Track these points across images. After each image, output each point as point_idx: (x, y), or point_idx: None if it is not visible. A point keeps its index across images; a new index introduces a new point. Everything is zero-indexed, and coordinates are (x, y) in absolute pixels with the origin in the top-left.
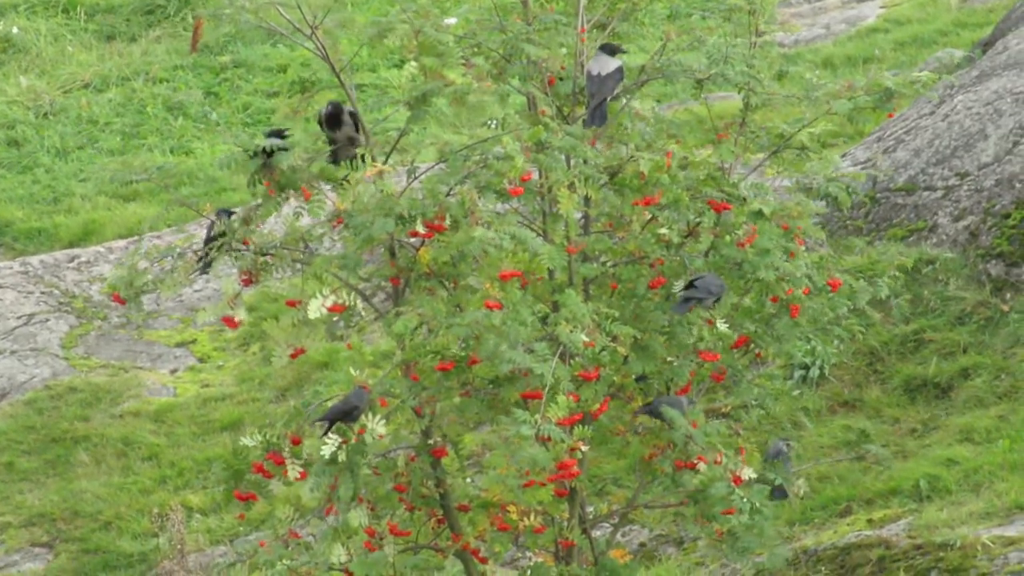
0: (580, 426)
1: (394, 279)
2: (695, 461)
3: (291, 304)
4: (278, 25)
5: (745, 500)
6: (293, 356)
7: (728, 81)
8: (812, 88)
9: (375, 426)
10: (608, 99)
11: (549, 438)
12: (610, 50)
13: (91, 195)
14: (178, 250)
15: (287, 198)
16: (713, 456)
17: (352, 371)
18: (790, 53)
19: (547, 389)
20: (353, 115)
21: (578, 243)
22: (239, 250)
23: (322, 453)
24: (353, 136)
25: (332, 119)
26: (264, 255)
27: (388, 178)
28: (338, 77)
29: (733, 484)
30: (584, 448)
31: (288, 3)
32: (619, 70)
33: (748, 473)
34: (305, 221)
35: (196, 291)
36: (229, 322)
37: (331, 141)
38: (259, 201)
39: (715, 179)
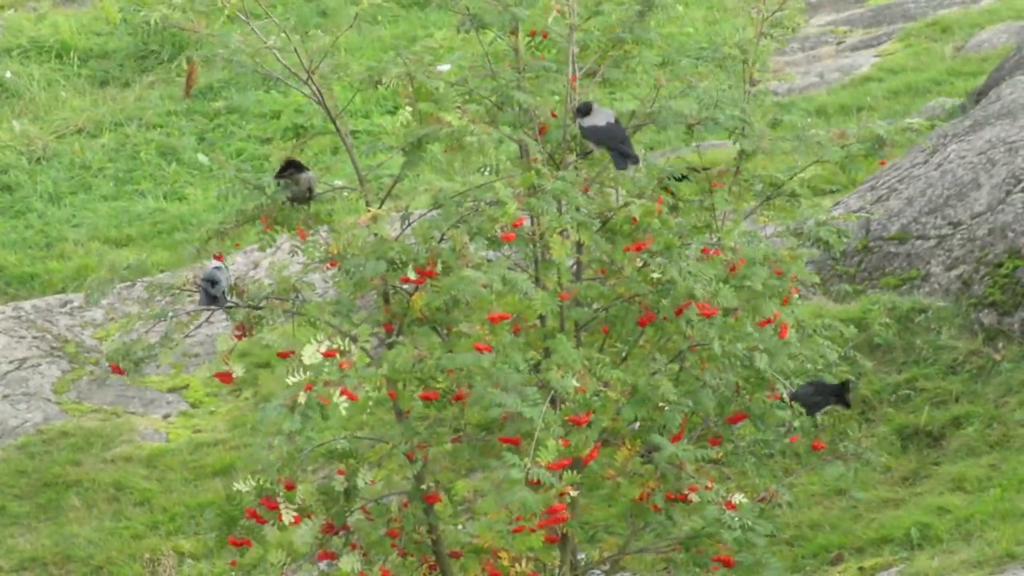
0: (569, 471)
1: (387, 324)
2: (686, 492)
3: (283, 355)
4: (273, 70)
5: (737, 519)
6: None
7: (719, 125)
8: (803, 131)
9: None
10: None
11: (539, 482)
12: (584, 108)
13: (84, 240)
14: (171, 313)
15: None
16: (704, 483)
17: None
18: (784, 101)
19: (536, 433)
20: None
21: (570, 289)
22: (233, 304)
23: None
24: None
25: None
26: (257, 308)
27: (382, 223)
28: (334, 123)
29: (725, 507)
30: (574, 493)
31: (285, 48)
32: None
33: (740, 498)
34: (295, 268)
35: (188, 336)
36: (223, 378)
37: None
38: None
39: (708, 226)
